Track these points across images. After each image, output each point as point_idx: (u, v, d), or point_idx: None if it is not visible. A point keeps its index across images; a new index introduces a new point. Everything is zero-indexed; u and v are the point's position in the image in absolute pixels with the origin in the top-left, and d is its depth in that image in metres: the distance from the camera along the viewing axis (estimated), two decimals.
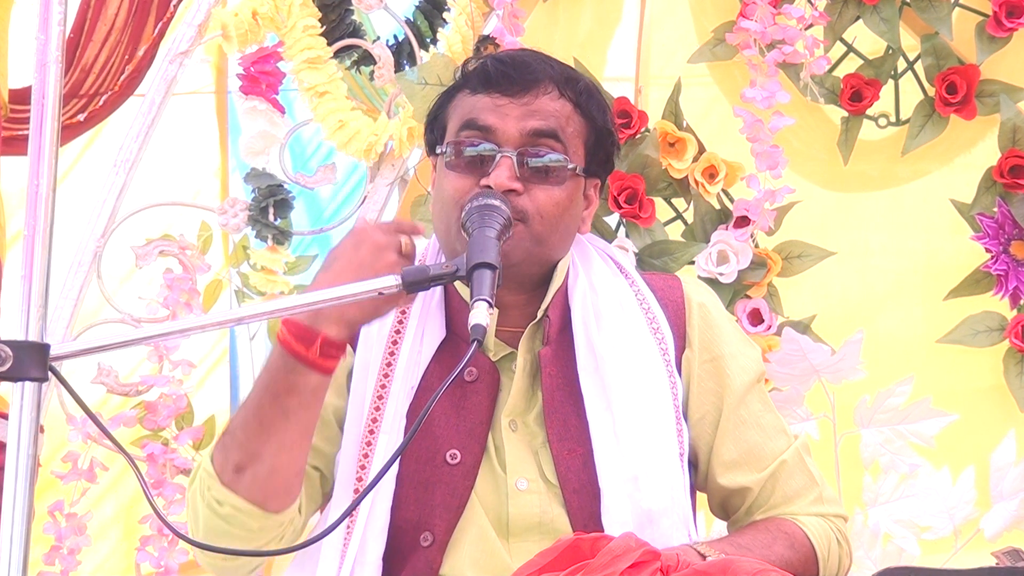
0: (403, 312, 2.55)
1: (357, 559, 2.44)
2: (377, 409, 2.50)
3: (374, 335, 2.55)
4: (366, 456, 2.49)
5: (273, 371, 2.36)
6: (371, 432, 2.50)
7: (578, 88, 2.58)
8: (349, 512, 2.38)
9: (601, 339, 2.53)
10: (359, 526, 2.46)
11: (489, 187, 2.48)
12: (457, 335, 2.54)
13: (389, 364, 2.53)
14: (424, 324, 2.55)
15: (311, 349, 2.32)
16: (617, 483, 2.46)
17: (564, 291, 2.58)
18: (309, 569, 2.48)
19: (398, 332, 2.55)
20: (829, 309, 3.65)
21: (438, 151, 2.59)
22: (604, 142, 2.62)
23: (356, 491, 2.47)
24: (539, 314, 2.55)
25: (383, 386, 2.52)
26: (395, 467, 2.47)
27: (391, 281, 2.24)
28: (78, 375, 3.57)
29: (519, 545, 2.48)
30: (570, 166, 2.54)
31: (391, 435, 2.49)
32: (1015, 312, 3.59)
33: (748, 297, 3.58)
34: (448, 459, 2.49)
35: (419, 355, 2.54)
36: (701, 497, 2.65)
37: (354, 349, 2.56)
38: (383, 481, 2.44)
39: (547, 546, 2.40)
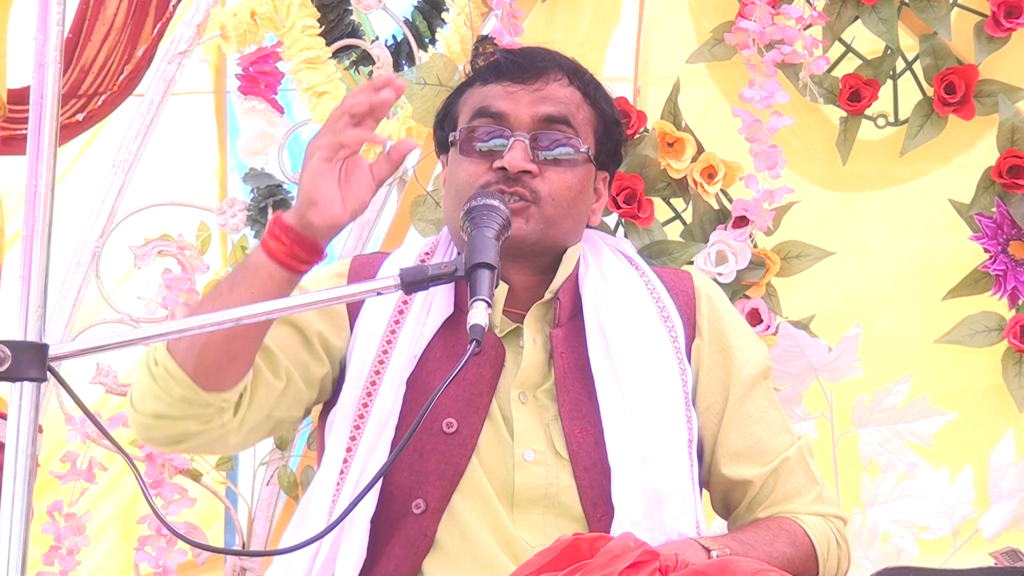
0: None
1: (346, 521, 2.44)
2: (377, 373, 2.53)
3: (381, 303, 2.58)
4: (361, 417, 2.51)
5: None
6: (368, 395, 2.52)
7: (585, 79, 2.66)
8: (350, 509, 2.36)
9: (611, 323, 2.57)
10: (347, 488, 2.46)
11: (503, 169, 2.52)
12: (463, 312, 2.56)
13: (393, 331, 2.55)
14: (432, 297, 2.58)
15: (271, 228, 2.35)
16: (627, 462, 2.48)
17: (575, 280, 2.62)
18: (302, 532, 2.48)
19: (405, 302, 2.58)
20: (828, 309, 3.65)
21: (451, 140, 2.61)
22: (612, 132, 2.68)
23: (348, 449, 2.48)
24: (547, 294, 2.59)
25: (385, 351, 2.54)
26: (391, 432, 2.49)
27: (389, 282, 2.25)
28: (77, 375, 3.57)
29: (523, 517, 2.49)
30: (583, 148, 2.60)
31: (388, 399, 2.51)
32: (1014, 312, 3.59)
33: (747, 297, 3.58)
34: (444, 428, 2.51)
35: (424, 326, 2.57)
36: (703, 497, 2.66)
37: (351, 326, 2.58)
38: (378, 444, 2.48)
39: (551, 519, 2.43)
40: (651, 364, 2.56)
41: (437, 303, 2.58)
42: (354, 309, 2.60)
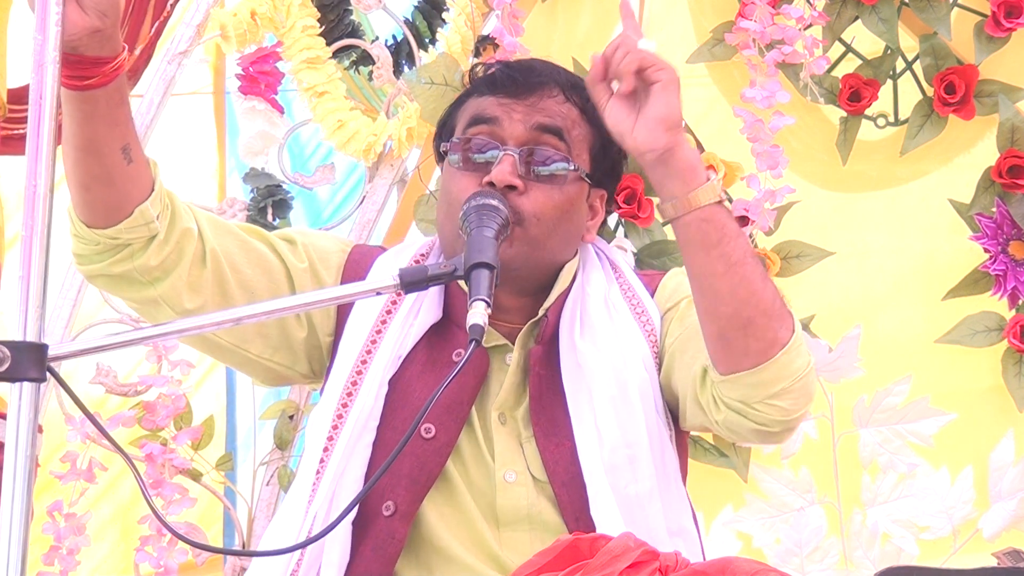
0: None
1: (326, 520, 2.42)
2: (359, 372, 2.52)
3: (370, 301, 2.56)
4: (340, 417, 2.50)
5: None
6: (349, 394, 2.51)
7: (585, 95, 2.53)
8: (344, 516, 2.33)
9: (582, 340, 2.54)
10: (323, 488, 2.44)
11: (492, 184, 2.49)
12: (451, 320, 2.55)
13: (379, 331, 2.54)
14: (420, 301, 2.56)
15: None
16: (599, 473, 2.47)
17: (565, 296, 2.60)
18: (282, 534, 2.48)
19: (394, 302, 2.56)
20: (828, 309, 3.65)
21: (443, 150, 2.60)
22: (610, 150, 2.61)
23: (326, 449, 2.47)
24: (540, 313, 2.57)
25: (368, 351, 2.53)
26: (371, 434, 2.48)
27: (389, 282, 2.24)
28: (77, 375, 3.57)
29: (509, 535, 2.49)
30: (573, 167, 2.55)
31: (368, 399, 2.50)
32: (1014, 312, 3.59)
33: None
34: (423, 433, 2.50)
35: (411, 327, 2.55)
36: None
37: (340, 316, 2.57)
38: (358, 446, 2.46)
39: (537, 536, 2.43)
40: (623, 381, 2.51)
41: (426, 307, 2.56)
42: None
